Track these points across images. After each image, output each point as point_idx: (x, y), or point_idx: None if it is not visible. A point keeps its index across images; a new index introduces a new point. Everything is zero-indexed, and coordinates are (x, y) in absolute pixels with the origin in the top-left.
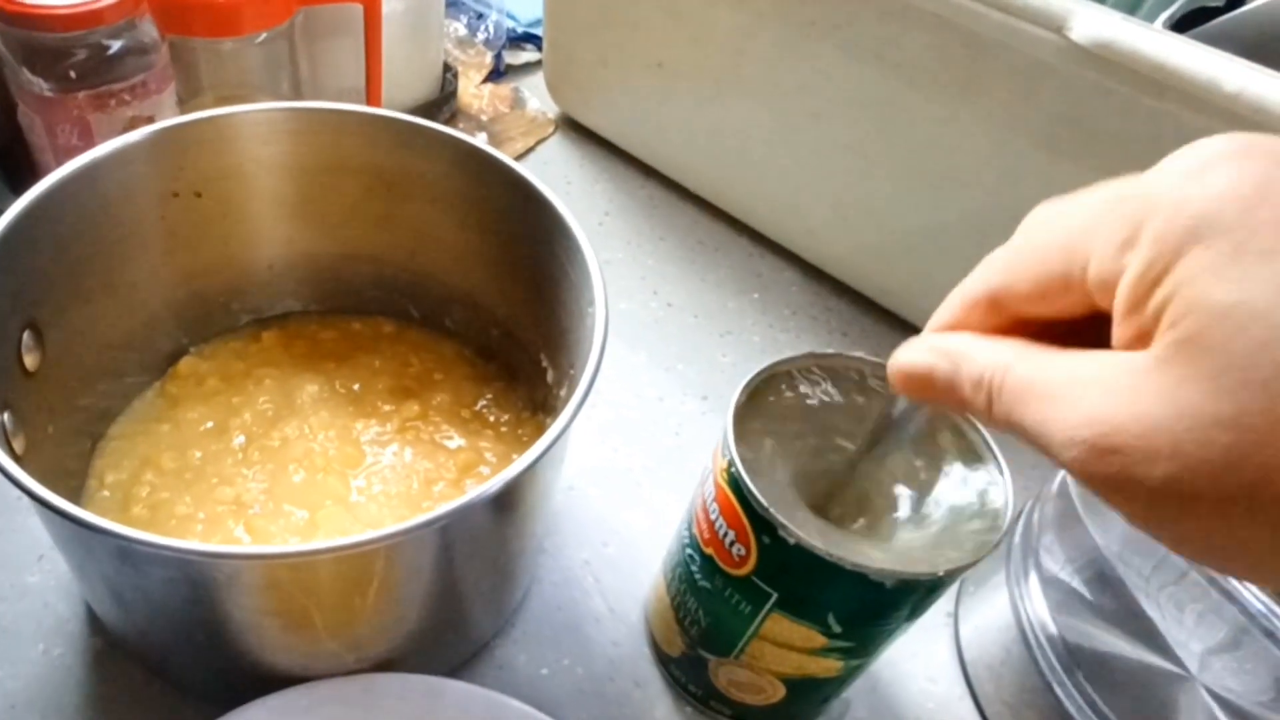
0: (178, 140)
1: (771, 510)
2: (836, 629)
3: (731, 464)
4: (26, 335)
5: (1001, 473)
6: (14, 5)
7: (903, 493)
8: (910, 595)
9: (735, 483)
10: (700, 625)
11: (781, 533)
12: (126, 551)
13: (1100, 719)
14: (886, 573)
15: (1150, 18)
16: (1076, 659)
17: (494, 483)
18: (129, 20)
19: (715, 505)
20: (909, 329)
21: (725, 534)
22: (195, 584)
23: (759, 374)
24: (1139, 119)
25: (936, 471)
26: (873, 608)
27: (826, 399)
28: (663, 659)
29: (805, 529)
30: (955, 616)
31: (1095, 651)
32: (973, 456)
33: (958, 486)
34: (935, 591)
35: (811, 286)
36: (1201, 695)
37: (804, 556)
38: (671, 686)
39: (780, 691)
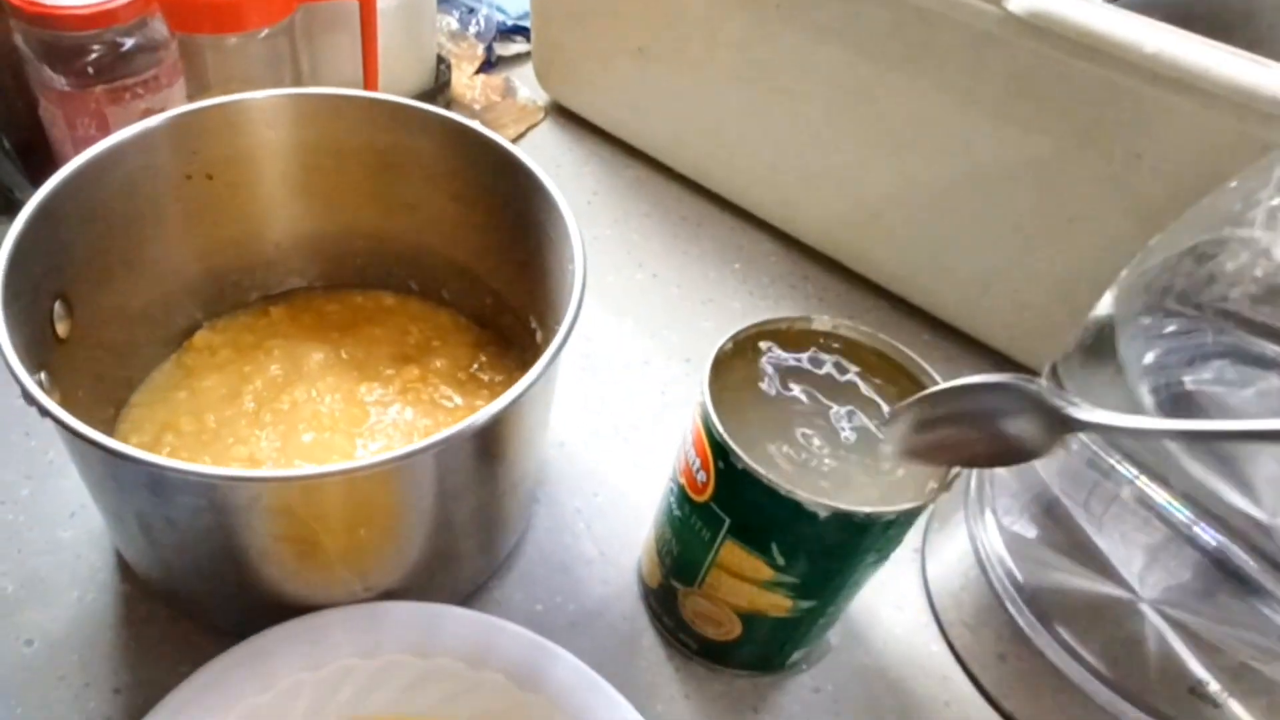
0: (192, 125)
1: (725, 435)
2: (780, 561)
3: (702, 394)
4: (58, 305)
5: None
6: (35, 6)
7: (866, 442)
8: (845, 532)
9: (703, 411)
10: (672, 554)
11: (732, 458)
12: (157, 480)
13: (1050, 633)
14: (819, 503)
15: None
16: (1031, 589)
17: (483, 413)
18: (141, 19)
19: (690, 437)
20: (880, 293)
21: (693, 461)
22: (219, 510)
23: (749, 327)
24: (1077, 84)
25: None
26: (811, 541)
27: (809, 361)
28: (645, 592)
29: (761, 462)
30: (922, 553)
31: (1048, 579)
32: None
33: None
34: (867, 532)
35: (789, 256)
36: (1150, 616)
37: (749, 481)
38: (652, 620)
39: (737, 627)
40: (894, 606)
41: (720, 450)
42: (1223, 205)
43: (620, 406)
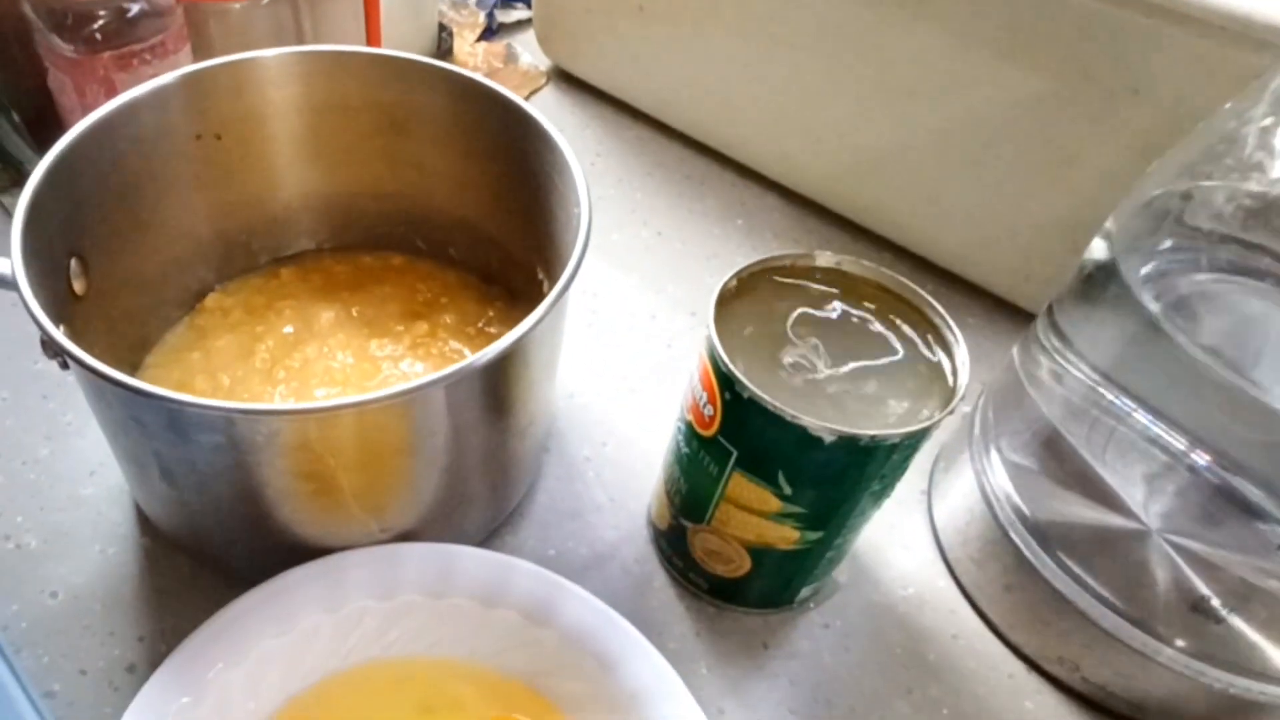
0: (201, 82)
1: (731, 365)
2: (787, 490)
3: (708, 328)
4: (74, 263)
5: (959, 349)
6: None
7: (870, 372)
8: (851, 458)
9: (709, 345)
10: (681, 492)
11: (738, 387)
12: (177, 417)
13: (1056, 563)
14: (824, 428)
15: None
16: (1037, 521)
17: (492, 349)
18: None
19: (697, 374)
20: (884, 244)
21: (700, 396)
22: (237, 448)
23: (754, 263)
24: (1074, 19)
25: (903, 354)
26: (817, 468)
27: (814, 294)
28: (656, 535)
29: (767, 391)
30: (928, 495)
31: (1054, 511)
32: (938, 341)
33: (922, 368)
34: (872, 456)
35: (793, 212)
36: (1154, 541)
37: (756, 410)
38: (662, 562)
39: (746, 562)
40: (901, 547)
41: (727, 381)
42: (1217, 127)
43: (627, 359)
